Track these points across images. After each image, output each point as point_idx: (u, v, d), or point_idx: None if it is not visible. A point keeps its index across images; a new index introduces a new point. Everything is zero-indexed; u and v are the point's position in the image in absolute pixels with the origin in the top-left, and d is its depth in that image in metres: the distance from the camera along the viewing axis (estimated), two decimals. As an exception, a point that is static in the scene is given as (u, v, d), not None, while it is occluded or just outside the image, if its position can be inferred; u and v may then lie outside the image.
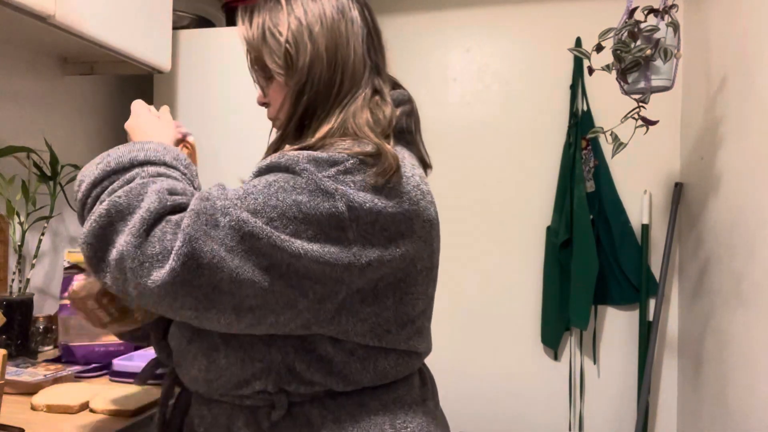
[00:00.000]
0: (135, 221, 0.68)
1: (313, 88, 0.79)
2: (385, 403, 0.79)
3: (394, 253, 0.74)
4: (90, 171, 0.75)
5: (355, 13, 0.83)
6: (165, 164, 0.77)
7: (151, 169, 0.75)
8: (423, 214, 0.77)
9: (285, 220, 0.68)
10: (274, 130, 0.88)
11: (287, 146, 0.80)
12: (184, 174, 0.80)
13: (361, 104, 0.80)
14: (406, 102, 0.85)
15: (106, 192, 0.72)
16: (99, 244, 0.69)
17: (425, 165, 0.91)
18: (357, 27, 0.82)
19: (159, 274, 0.65)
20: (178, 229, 0.67)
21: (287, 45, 0.80)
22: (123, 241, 0.67)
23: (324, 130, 0.77)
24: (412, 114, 0.86)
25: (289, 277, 0.69)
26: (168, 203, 0.69)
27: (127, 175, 0.73)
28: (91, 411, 1.06)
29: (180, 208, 0.70)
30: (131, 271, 0.67)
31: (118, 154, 0.76)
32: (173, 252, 0.65)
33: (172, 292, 0.66)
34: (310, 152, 0.72)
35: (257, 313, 0.69)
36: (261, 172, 0.73)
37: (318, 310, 0.72)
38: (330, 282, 0.70)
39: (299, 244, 0.68)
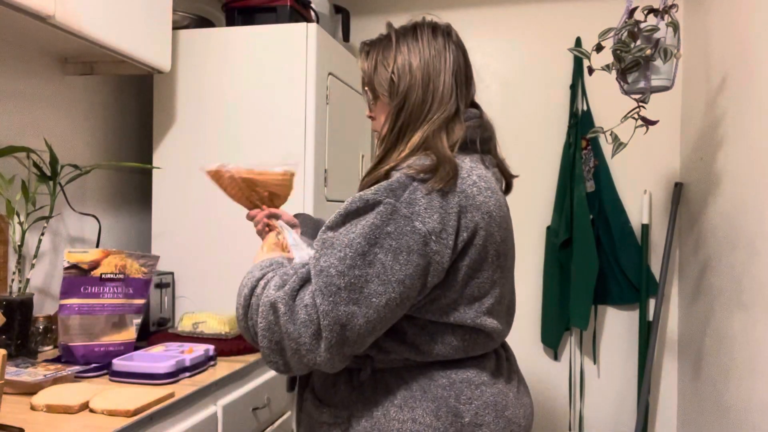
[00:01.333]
0: (262, 335, 0.91)
1: (408, 109, 1.00)
2: (453, 381, 0.97)
3: (460, 244, 0.92)
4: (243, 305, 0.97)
5: (449, 53, 1.04)
6: (263, 276, 0.98)
7: (262, 282, 0.96)
8: (482, 207, 0.94)
9: (384, 251, 0.87)
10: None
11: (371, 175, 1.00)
12: (269, 268, 1.00)
13: (440, 124, 0.99)
14: (471, 118, 1.05)
15: (252, 309, 0.95)
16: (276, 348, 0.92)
17: (501, 169, 1.11)
18: (449, 63, 1.03)
19: (320, 350, 0.88)
20: (315, 309, 0.87)
21: (392, 75, 1.02)
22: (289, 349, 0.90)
23: (412, 143, 0.98)
24: (479, 127, 1.05)
25: (401, 301, 0.89)
26: (284, 298, 0.89)
27: (253, 296, 0.96)
28: (91, 411, 1.06)
29: (294, 289, 0.89)
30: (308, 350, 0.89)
31: (245, 280, 0.99)
32: (322, 331, 0.86)
33: (334, 359, 0.89)
34: (381, 184, 0.91)
35: (385, 326, 0.91)
36: (348, 216, 0.91)
37: (413, 305, 0.93)
38: (423, 287, 0.91)
39: (399, 271, 0.87)
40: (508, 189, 1.16)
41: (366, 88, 1.09)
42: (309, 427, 1.04)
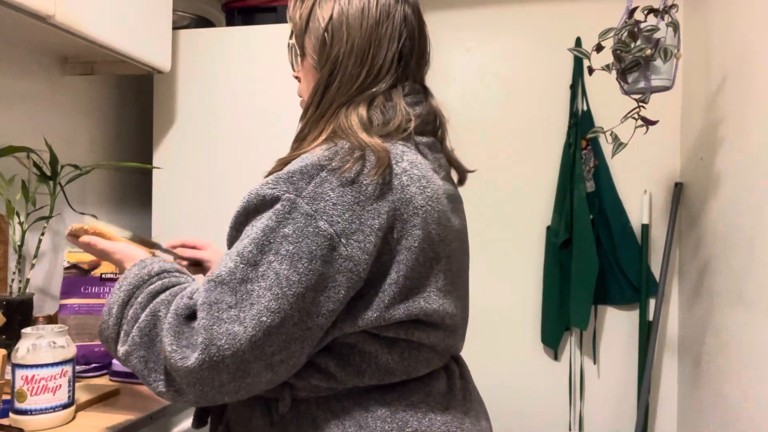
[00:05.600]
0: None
1: (337, 81, 0.82)
2: (395, 410, 0.77)
3: (384, 247, 0.75)
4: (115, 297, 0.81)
5: (400, 15, 0.84)
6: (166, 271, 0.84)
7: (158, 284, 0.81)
8: (414, 200, 0.76)
9: (279, 259, 0.70)
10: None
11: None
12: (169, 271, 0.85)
13: (369, 102, 0.82)
14: (411, 94, 0.87)
15: (144, 295, 0.79)
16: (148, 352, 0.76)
17: (451, 159, 0.93)
18: (397, 30, 0.84)
19: (188, 362, 0.70)
20: (197, 332, 0.71)
21: (325, 33, 0.83)
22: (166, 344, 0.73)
23: (334, 123, 0.81)
24: (419, 104, 0.88)
25: (301, 319, 0.71)
26: (177, 311, 0.74)
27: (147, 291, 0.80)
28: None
29: (190, 308, 0.74)
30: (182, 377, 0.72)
31: (133, 274, 0.82)
32: (197, 349, 0.70)
33: (208, 375, 0.70)
34: (281, 172, 0.74)
35: (289, 354, 0.72)
36: (249, 215, 0.76)
37: (331, 321, 0.75)
38: (339, 301, 0.73)
39: (298, 283, 0.70)
40: (461, 183, 0.98)
41: (293, 42, 0.90)
42: None
